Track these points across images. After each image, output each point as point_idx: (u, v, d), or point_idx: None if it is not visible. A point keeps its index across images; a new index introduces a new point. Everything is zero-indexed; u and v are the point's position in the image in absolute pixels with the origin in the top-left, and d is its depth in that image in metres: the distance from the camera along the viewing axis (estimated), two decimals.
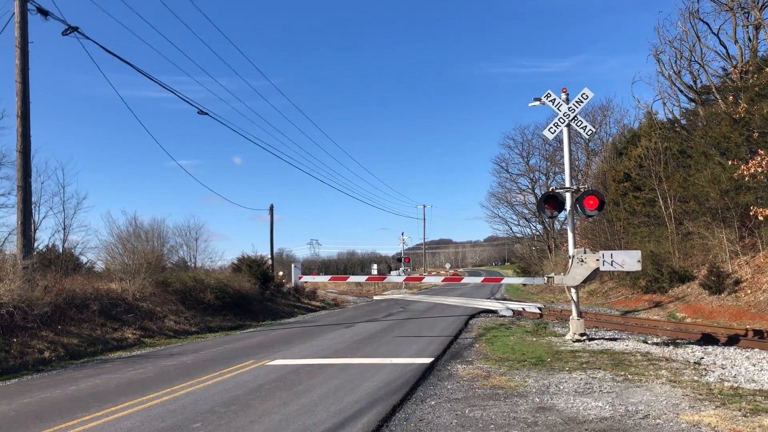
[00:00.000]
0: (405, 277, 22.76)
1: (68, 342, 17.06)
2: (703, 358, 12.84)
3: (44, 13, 19.33)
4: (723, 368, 11.40)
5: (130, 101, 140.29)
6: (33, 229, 24.52)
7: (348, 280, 29.22)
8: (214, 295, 27.10)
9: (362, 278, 26.44)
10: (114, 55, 20.40)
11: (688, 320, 23.06)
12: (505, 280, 22.23)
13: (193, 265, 38.97)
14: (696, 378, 10.41)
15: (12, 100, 19.82)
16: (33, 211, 23.40)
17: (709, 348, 14.60)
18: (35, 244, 25.25)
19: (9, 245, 24.55)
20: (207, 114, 24.89)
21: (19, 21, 19.53)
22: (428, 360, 13.22)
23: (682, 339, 17.43)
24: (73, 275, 22.63)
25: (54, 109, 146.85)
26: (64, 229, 31.22)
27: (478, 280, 21.80)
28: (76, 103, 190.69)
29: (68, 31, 19.61)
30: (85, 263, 31.05)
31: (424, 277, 23.14)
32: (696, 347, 14.73)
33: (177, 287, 25.98)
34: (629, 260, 15.82)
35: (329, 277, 28.41)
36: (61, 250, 30.06)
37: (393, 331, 20.66)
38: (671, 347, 14.74)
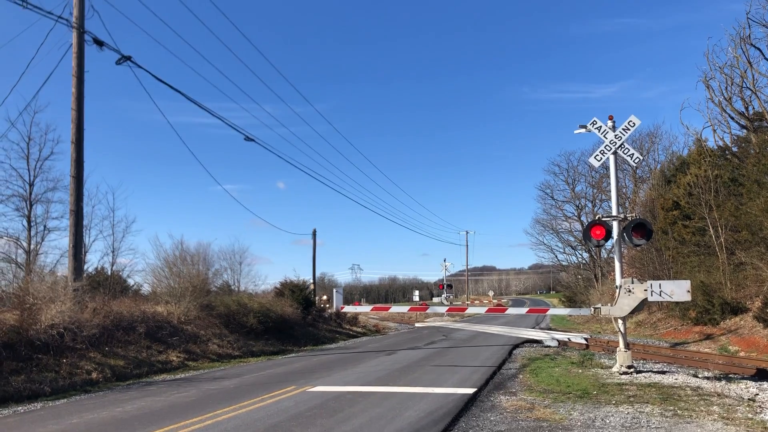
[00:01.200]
0: (448, 307, 22.51)
1: (115, 364, 17.38)
2: (758, 394, 12.34)
3: (99, 43, 20.06)
4: None
5: (178, 127, 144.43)
6: (83, 252, 25.20)
7: (390, 310, 29.11)
8: (257, 320, 27.31)
9: (404, 308, 26.25)
10: (165, 83, 21.01)
11: (742, 354, 22.24)
12: (551, 311, 21.78)
13: (236, 288, 39.46)
14: (750, 415, 10.00)
15: (67, 127, 20.60)
16: (84, 234, 24.07)
17: (765, 384, 14.01)
18: (85, 267, 25.91)
19: (60, 267, 25.31)
20: (253, 140, 25.35)
21: (76, 51, 20.33)
22: (471, 390, 13.03)
23: (735, 374, 16.81)
24: (120, 297, 23.17)
25: (104, 134, 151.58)
26: (113, 252, 32.09)
27: (523, 310, 21.42)
28: (126, 129, 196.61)
29: (122, 60, 20.29)
30: (132, 286, 31.82)
31: (467, 308, 22.88)
32: (750, 383, 14.18)
33: (221, 311, 26.30)
34: (678, 290, 15.39)
35: (371, 306, 28.33)
36: (109, 273, 30.86)
37: (435, 359, 20.46)
38: (723, 382, 14.22)
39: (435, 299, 77.98)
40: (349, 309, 26.58)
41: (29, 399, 13.39)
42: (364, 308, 29.36)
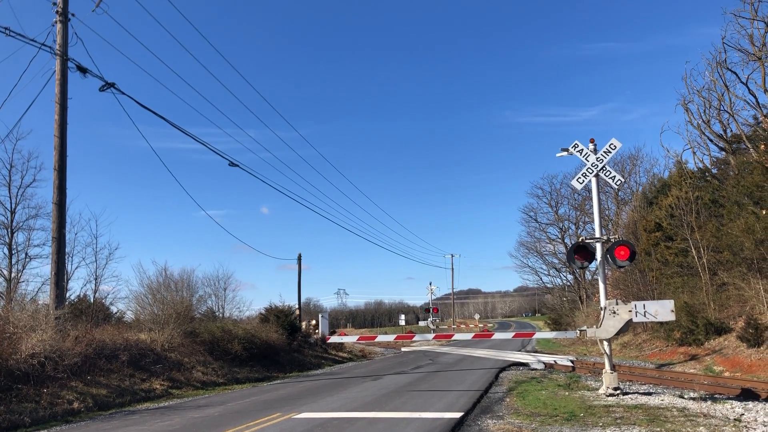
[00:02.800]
0: (434, 334, 22.55)
1: (97, 393, 17.12)
2: (743, 414, 12.38)
3: (83, 70, 20.07)
4: (765, 425, 10.97)
5: (162, 152, 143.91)
6: (66, 280, 24.90)
7: (376, 339, 29.11)
8: (242, 346, 27.06)
9: (390, 337, 26.22)
10: (148, 109, 21.02)
11: (726, 374, 22.34)
12: (537, 335, 21.82)
13: (221, 315, 39.06)
14: None
15: (49, 154, 20.46)
16: (66, 261, 23.80)
17: (750, 404, 14.08)
18: (67, 294, 25.59)
19: (42, 295, 24.98)
20: (238, 166, 25.27)
21: (59, 78, 20.30)
22: (458, 414, 12.95)
23: (720, 394, 16.87)
24: (103, 325, 22.85)
25: (88, 160, 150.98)
26: (96, 279, 31.72)
27: (509, 335, 21.49)
28: (108, 155, 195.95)
29: (105, 87, 20.29)
30: (115, 313, 31.37)
31: (453, 334, 22.83)
32: (735, 403, 14.23)
33: (205, 338, 26.03)
34: (662, 310, 15.49)
35: (357, 337, 28.43)
36: (92, 300, 30.45)
37: (421, 384, 20.36)
38: (709, 402, 14.26)
39: (421, 323, 77.75)
40: (335, 339, 26.75)
41: (8, 430, 13.13)
42: (350, 338, 29.45)
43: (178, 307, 25.54)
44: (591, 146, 17.37)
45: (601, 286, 17.01)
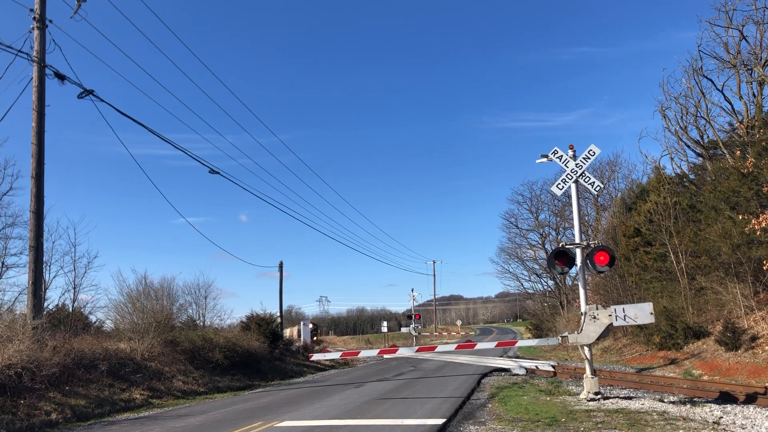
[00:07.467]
0: (418, 347, 22.57)
1: (76, 403, 16.90)
2: (722, 417, 12.52)
3: (61, 77, 19.87)
4: (743, 428, 11.10)
5: (140, 159, 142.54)
6: (43, 289, 24.57)
7: (359, 355, 29.16)
8: (223, 355, 26.87)
9: (374, 352, 26.24)
10: (127, 116, 20.83)
11: (705, 377, 22.58)
12: (519, 343, 21.98)
13: (201, 323, 38.73)
14: None
15: (26, 161, 20.21)
16: (44, 270, 23.51)
17: (728, 407, 14.25)
18: (45, 304, 25.25)
19: (19, 305, 24.60)
20: (218, 173, 25.16)
21: (36, 86, 20.08)
22: (440, 421, 12.96)
23: (699, 397, 17.04)
24: (82, 335, 22.55)
25: (65, 167, 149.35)
26: (74, 288, 31.27)
27: (492, 345, 21.66)
28: (85, 162, 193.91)
29: (84, 94, 20.11)
30: (95, 322, 30.97)
31: (436, 347, 22.91)
32: (714, 406, 14.39)
33: (186, 346, 25.81)
34: (641, 314, 15.62)
35: (340, 353, 28.45)
36: (70, 310, 30.04)
37: (404, 390, 20.33)
38: (688, 406, 14.40)
39: (403, 329, 77.84)
40: (318, 357, 26.83)
41: None
42: (334, 355, 29.59)
43: (158, 316, 25.32)
44: (570, 152, 17.50)
45: (582, 291, 17.12)
